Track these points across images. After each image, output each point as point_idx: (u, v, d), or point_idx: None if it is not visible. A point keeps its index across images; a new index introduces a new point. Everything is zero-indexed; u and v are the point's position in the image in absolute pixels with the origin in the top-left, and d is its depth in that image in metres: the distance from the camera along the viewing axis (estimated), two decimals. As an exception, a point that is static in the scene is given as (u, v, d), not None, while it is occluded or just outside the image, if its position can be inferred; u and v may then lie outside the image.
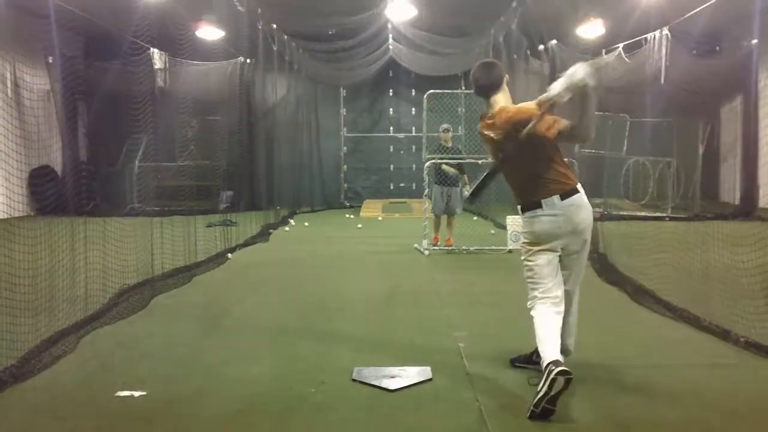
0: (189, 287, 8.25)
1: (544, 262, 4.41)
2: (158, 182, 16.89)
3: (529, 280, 4.47)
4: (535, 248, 4.43)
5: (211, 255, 10.18)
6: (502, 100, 4.54)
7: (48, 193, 15.56)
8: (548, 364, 3.99)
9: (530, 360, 4.75)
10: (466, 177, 11.64)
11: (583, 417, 4.02)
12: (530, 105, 4.29)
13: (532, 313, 4.39)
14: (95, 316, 6.27)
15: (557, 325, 4.28)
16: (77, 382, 4.71)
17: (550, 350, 4.11)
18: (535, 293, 4.41)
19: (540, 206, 4.37)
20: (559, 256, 4.45)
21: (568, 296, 4.52)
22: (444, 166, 11.42)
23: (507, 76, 4.65)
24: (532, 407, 3.93)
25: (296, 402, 4.32)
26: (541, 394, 3.91)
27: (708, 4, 12.73)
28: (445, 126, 11.83)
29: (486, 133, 4.51)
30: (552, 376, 3.88)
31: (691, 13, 13.62)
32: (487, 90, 4.58)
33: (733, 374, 4.80)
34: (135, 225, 9.32)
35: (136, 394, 4.42)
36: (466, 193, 11.50)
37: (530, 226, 4.44)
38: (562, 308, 4.36)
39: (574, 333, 4.64)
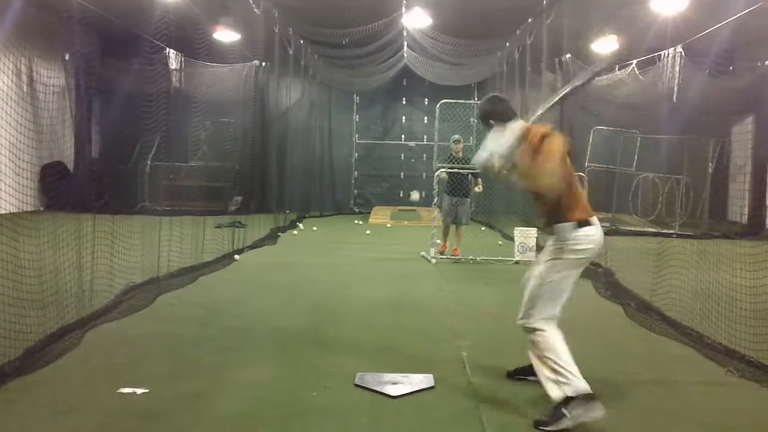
0: (194, 287, 8.29)
1: (574, 281, 4.41)
2: (169, 182, 17.01)
3: (551, 297, 4.33)
4: (578, 266, 4.37)
5: (218, 256, 10.22)
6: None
7: (59, 189, 15.66)
8: (585, 396, 4.04)
9: (526, 372, 4.72)
10: (479, 179, 11.58)
11: (583, 432, 4.03)
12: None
13: (547, 330, 4.28)
14: (100, 312, 6.30)
15: None
16: (80, 377, 4.73)
17: (579, 374, 4.12)
18: (553, 312, 4.33)
19: (590, 224, 4.34)
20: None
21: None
22: (443, 175, 11.42)
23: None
24: (552, 427, 3.99)
25: (298, 406, 4.33)
26: (568, 422, 3.97)
27: (722, 23, 12.73)
28: (456, 137, 11.83)
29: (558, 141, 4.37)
30: (593, 413, 4.00)
31: (706, 32, 13.63)
32: (514, 115, 4.58)
33: (735, 393, 4.79)
34: (144, 223, 9.38)
35: (139, 391, 4.44)
36: (478, 189, 11.54)
37: (586, 243, 4.31)
38: None
39: None
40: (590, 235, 4.30)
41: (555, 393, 4.10)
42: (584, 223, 4.30)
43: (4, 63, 13.28)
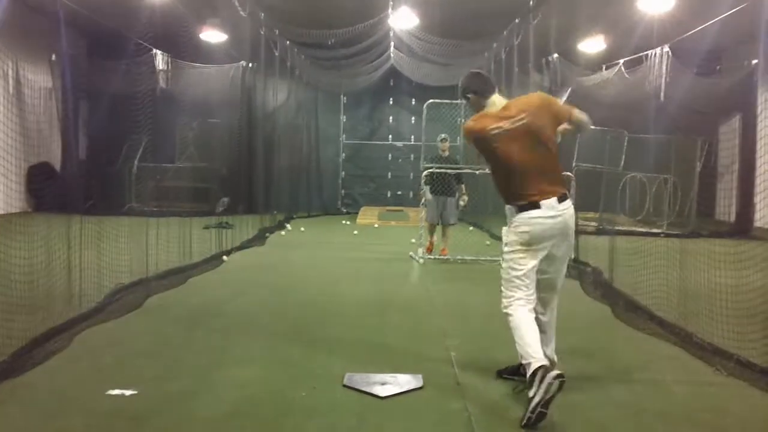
0: (183, 288, 8.27)
1: (532, 264, 4.44)
2: (156, 183, 16.95)
3: (512, 282, 4.47)
4: (526, 249, 4.43)
5: (206, 257, 10.20)
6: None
7: (46, 191, 15.59)
8: (538, 368, 4.02)
9: (517, 372, 4.75)
10: (463, 187, 11.69)
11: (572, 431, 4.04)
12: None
13: (511, 313, 4.41)
14: (89, 314, 6.28)
15: (537, 328, 4.35)
16: (69, 379, 4.72)
17: (536, 353, 4.16)
18: (518, 294, 4.43)
19: (538, 207, 4.39)
20: (542, 260, 4.48)
21: (547, 302, 4.61)
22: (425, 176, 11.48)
23: None
24: (528, 413, 3.96)
25: (286, 406, 4.33)
26: (537, 399, 3.94)
27: (710, 22, 12.80)
28: (442, 136, 11.88)
29: (498, 126, 4.45)
30: (548, 381, 3.92)
31: (693, 31, 13.70)
32: (492, 90, 4.67)
33: (723, 392, 4.82)
34: (132, 224, 9.34)
35: (127, 393, 4.43)
36: (462, 203, 11.57)
37: (526, 226, 4.41)
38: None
39: (553, 340, 4.70)
40: (533, 219, 4.39)
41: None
42: (529, 206, 4.41)
43: (-11, 65, 13.23)
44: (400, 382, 4.77)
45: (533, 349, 4.18)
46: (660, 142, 16.49)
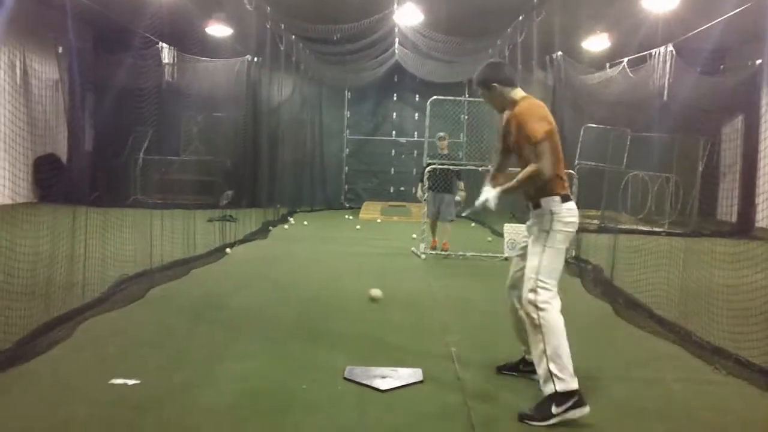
0: (186, 280, 8.32)
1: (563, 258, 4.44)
2: (161, 175, 17.02)
3: (551, 274, 4.29)
4: (568, 240, 4.41)
5: (210, 249, 10.26)
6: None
7: (52, 181, 15.65)
8: (576, 392, 4.07)
9: (516, 368, 4.82)
10: (462, 184, 11.75)
11: (571, 430, 4.06)
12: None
13: (549, 310, 4.21)
14: (93, 303, 6.34)
15: None
16: (72, 368, 4.76)
17: (571, 371, 4.13)
18: (555, 289, 4.29)
19: (570, 199, 4.41)
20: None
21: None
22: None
23: None
24: (539, 420, 4.02)
25: (287, 399, 4.38)
26: (557, 419, 4.01)
27: (714, 22, 12.80)
28: (440, 134, 11.98)
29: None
30: (579, 413, 4.04)
31: (697, 31, 13.70)
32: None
33: (722, 391, 4.84)
34: (136, 216, 9.39)
35: (130, 382, 4.48)
36: (459, 198, 11.61)
37: (573, 217, 4.36)
38: None
39: None
40: (572, 209, 4.38)
41: (547, 386, 4.12)
42: (567, 197, 4.38)
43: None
44: (401, 375, 4.81)
45: (570, 364, 4.14)
46: (663, 141, 16.47)
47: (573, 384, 4.09)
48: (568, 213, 4.34)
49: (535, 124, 4.27)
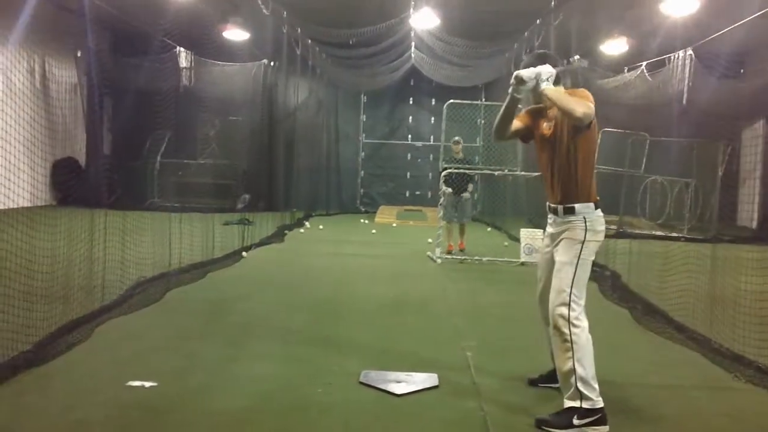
0: (203, 282, 8.35)
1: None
2: (178, 178, 17.10)
3: (582, 287, 4.18)
4: (595, 251, 4.28)
5: (226, 252, 10.31)
6: None
7: (70, 184, 15.78)
8: (601, 410, 4.01)
9: (553, 379, 4.50)
10: (471, 186, 12.18)
11: (586, 434, 4.04)
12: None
13: (582, 326, 4.10)
14: (110, 306, 6.38)
15: None
16: (89, 370, 4.78)
17: (597, 390, 4.05)
18: (584, 302, 4.19)
19: (598, 207, 4.30)
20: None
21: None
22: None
23: None
24: (554, 425, 3.99)
25: (302, 402, 4.37)
26: (574, 431, 3.96)
27: (735, 25, 12.69)
28: (455, 138, 12.26)
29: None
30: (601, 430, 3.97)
31: (717, 34, 13.59)
32: None
33: (741, 398, 4.77)
34: (154, 219, 9.45)
35: (147, 384, 4.49)
36: (467, 194, 11.87)
37: (603, 226, 4.27)
38: None
39: None
40: (601, 217, 4.27)
41: (572, 401, 4.04)
42: (598, 204, 4.28)
43: (18, 60, 13.40)
44: (416, 380, 4.79)
45: (596, 382, 4.06)
46: (682, 145, 16.36)
47: (599, 403, 4.03)
48: (598, 221, 4.24)
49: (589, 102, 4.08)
